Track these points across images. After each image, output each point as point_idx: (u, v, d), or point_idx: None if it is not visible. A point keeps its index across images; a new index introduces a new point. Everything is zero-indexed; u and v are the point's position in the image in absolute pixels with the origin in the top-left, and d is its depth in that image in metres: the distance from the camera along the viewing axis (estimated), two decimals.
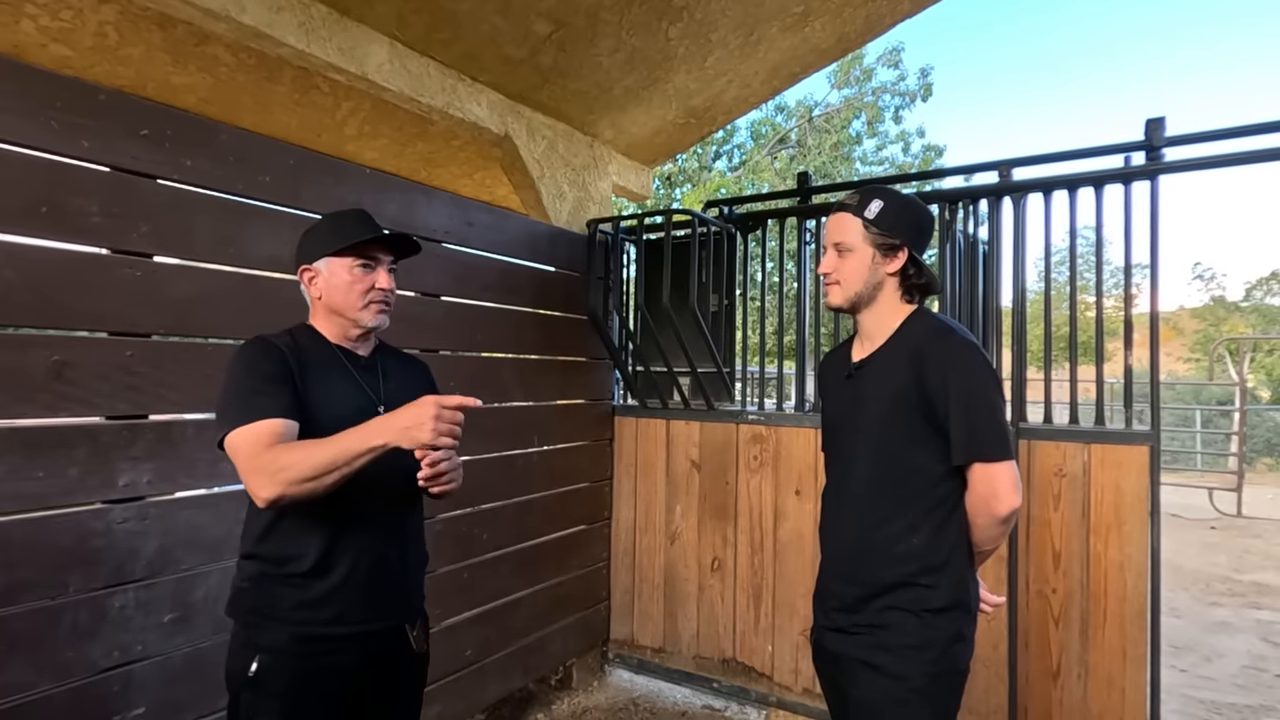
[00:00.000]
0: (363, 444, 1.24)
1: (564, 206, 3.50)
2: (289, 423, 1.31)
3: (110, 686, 1.68)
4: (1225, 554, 6.26)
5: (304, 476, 1.22)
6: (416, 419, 1.23)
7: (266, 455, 1.25)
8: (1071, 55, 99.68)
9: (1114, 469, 2.40)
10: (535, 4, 2.61)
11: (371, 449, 1.24)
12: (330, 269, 1.45)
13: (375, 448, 1.24)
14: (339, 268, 1.44)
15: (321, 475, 1.23)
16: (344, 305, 1.45)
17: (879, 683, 1.40)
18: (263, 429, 1.27)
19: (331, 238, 1.45)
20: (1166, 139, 2.47)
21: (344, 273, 1.44)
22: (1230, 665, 3.82)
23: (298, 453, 1.25)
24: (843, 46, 3.42)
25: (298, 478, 1.22)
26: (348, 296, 1.44)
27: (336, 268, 1.44)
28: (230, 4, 2.12)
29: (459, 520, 2.66)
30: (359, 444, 1.24)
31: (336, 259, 1.44)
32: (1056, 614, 2.48)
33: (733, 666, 3.14)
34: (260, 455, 1.25)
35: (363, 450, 1.24)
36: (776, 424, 3.06)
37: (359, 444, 1.24)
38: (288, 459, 1.24)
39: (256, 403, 1.30)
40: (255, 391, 1.31)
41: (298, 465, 1.23)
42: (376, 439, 1.24)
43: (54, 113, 1.61)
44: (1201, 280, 24.62)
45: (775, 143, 14.37)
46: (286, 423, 1.30)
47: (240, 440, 1.27)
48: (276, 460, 1.24)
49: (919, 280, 1.48)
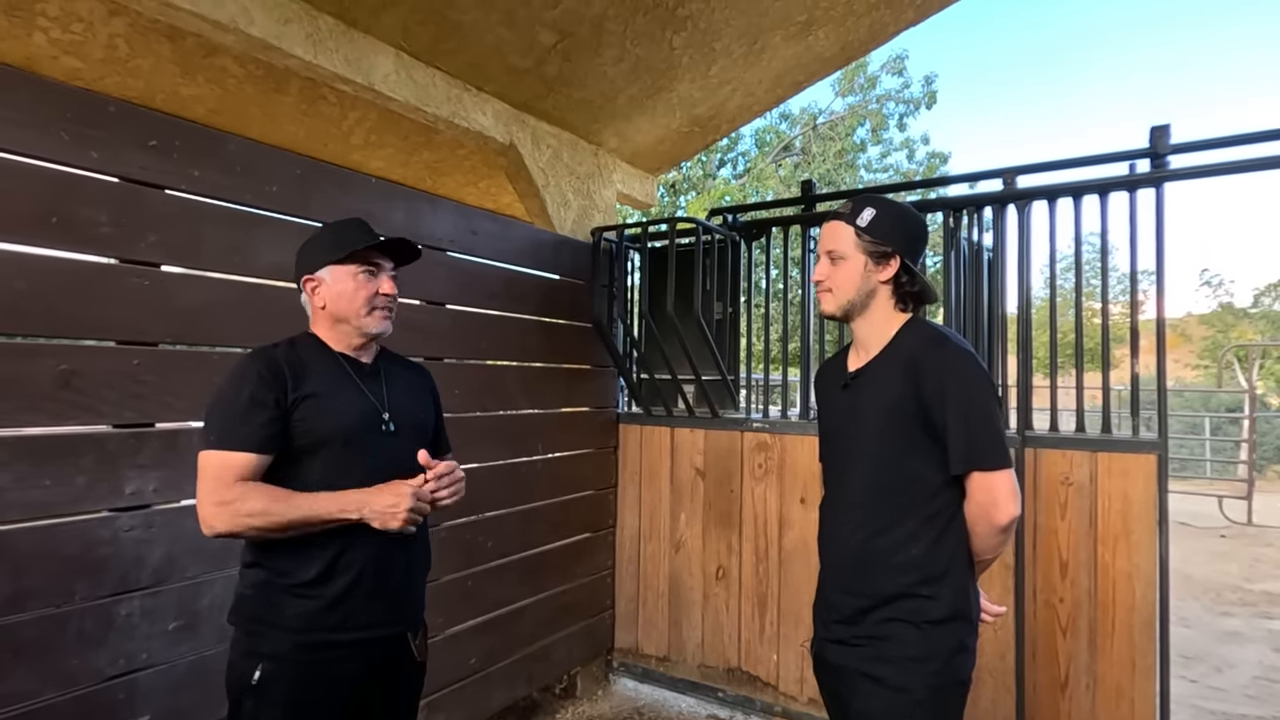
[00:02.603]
0: (335, 513, 1.32)
1: (569, 215, 3.51)
2: (261, 459, 1.34)
3: (115, 694, 1.68)
4: (1236, 562, 6.20)
5: (266, 526, 1.29)
6: (392, 507, 1.33)
7: (234, 490, 1.29)
8: (1072, 47, 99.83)
9: (1121, 477, 2.39)
10: (540, 14, 2.63)
11: (341, 520, 1.33)
12: (334, 277, 1.46)
13: (346, 520, 1.33)
14: (342, 275, 1.46)
15: (284, 530, 1.30)
16: (349, 312, 1.47)
17: (880, 695, 1.38)
18: (232, 462, 1.31)
19: (333, 246, 1.46)
20: (1171, 146, 2.46)
21: (348, 280, 1.46)
22: (1241, 676, 3.77)
23: (267, 502, 1.29)
24: (846, 55, 3.43)
25: (261, 525, 1.29)
26: (352, 303, 1.46)
27: (340, 275, 1.46)
28: (239, 16, 2.15)
29: (463, 528, 2.66)
30: (331, 511, 1.32)
31: (340, 267, 1.46)
32: (1064, 624, 2.46)
33: (738, 676, 3.12)
34: (226, 489, 1.29)
35: (332, 519, 1.32)
36: (781, 432, 3.06)
37: (331, 511, 1.32)
38: (256, 505, 1.29)
39: (237, 431, 1.33)
40: (238, 416, 1.34)
41: (265, 515, 1.28)
42: (351, 512, 1.33)
43: (64, 124, 1.63)
44: (1210, 286, 24.50)
45: (780, 150, 14.40)
46: (259, 459, 1.34)
47: (207, 463, 1.32)
48: (245, 502, 1.28)
49: (912, 288, 1.48)
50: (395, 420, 1.50)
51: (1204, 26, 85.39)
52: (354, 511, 1.32)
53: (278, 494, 1.31)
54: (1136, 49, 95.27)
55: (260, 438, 1.33)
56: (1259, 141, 2.40)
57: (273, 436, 1.35)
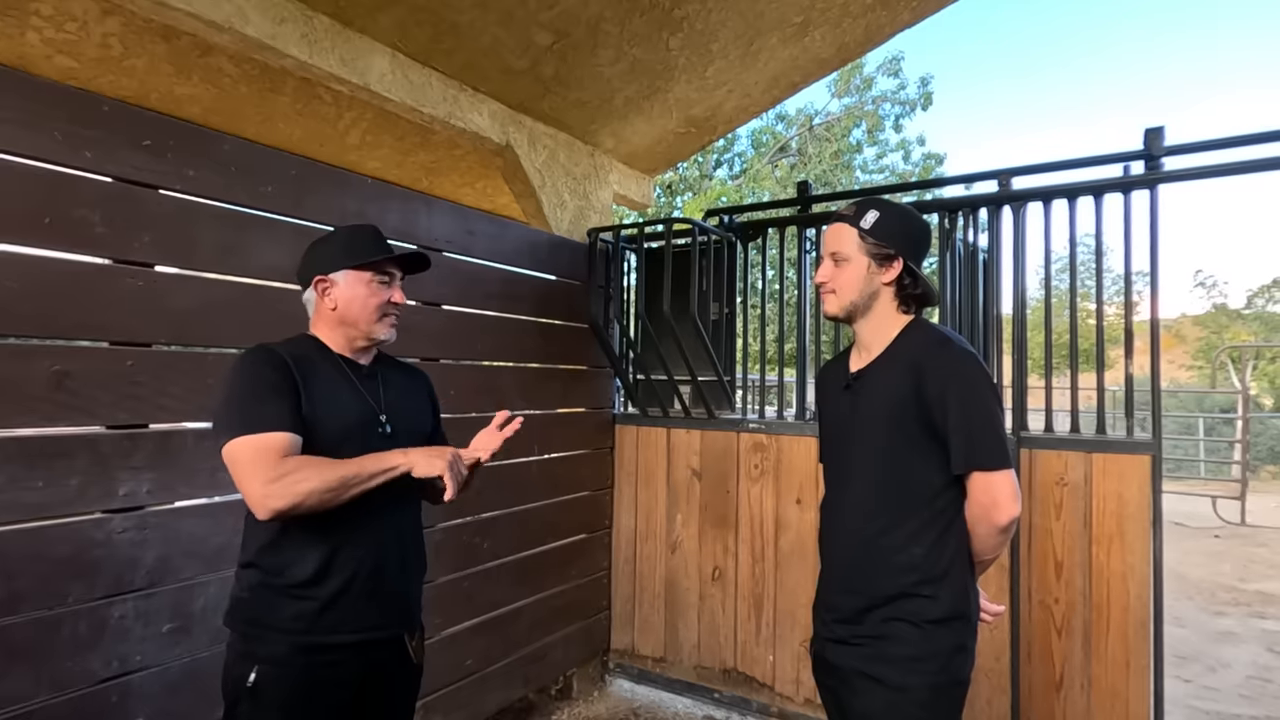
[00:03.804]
0: (380, 465, 1.33)
1: (565, 215, 3.51)
2: (295, 437, 1.32)
3: (109, 697, 1.67)
4: (1230, 563, 6.22)
5: (322, 488, 1.27)
6: (440, 453, 1.36)
7: (281, 466, 1.27)
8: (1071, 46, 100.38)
9: (1116, 478, 2.39)
10: (536, 15, 2.63)
11: (388, 469, 1.33)
12: (348, 281, 1.48)
13: (393, 468, 1.34)
14: (357, 282, 1.48)
15: (338, 490, 1.29)
16: (359, 317, 1.48)
17: (880, 694, 1.39)
18: (271, 441, 1.29)
19: (349, 251, 1.49)
20: (1165, 148, 2.48)
21: (362, 287, 1.48)
22: (1235, 676, 3.79)
23: (314, 467, 1.28)
24: (842, 56, 3.44)
25: (317, 488, 1.27)
26: (364, 309, 1.48)
27: (354, 281, 1.48)
28: (234, 16, 2.14)
29: (459, 529, 2.66)
30: (376, 465, 1.33)
31: (355, 272, 1.48)
32: (1059, 624, 2.47)
33: (734, 677, 3.13)
34: (273, 466, 1.26)
35: (380, 470, 1.33)
36: (777, 433, 3.06)
37: (376, 465, 1.33)
38: (306, 472, 1.27)
39: (263, 413, 1.31)
40: (261, 401, 1.32)
41: (315, 479, 1.27)
42: (397, 460, 1.34)
43: (58, 123, 1.62)
44: (1203, 288, 24.63)
45: (776, 151, 14.42)
46: (293, 437, 1.32)
47: (243, 449, 1.28)
48: (293, 471, 1.26)
49: (915, 290, 1.49)
50: (392, 423, 1.50)
51: (1196, 21, 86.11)
52: (400, 460, 1.34)
53: (321, 459, 1.31)
54: (1132, 44, 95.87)
55: (290, 419, 1.33)
56: (1253, 143, 2.41)
57: (298, 420, 1.34)
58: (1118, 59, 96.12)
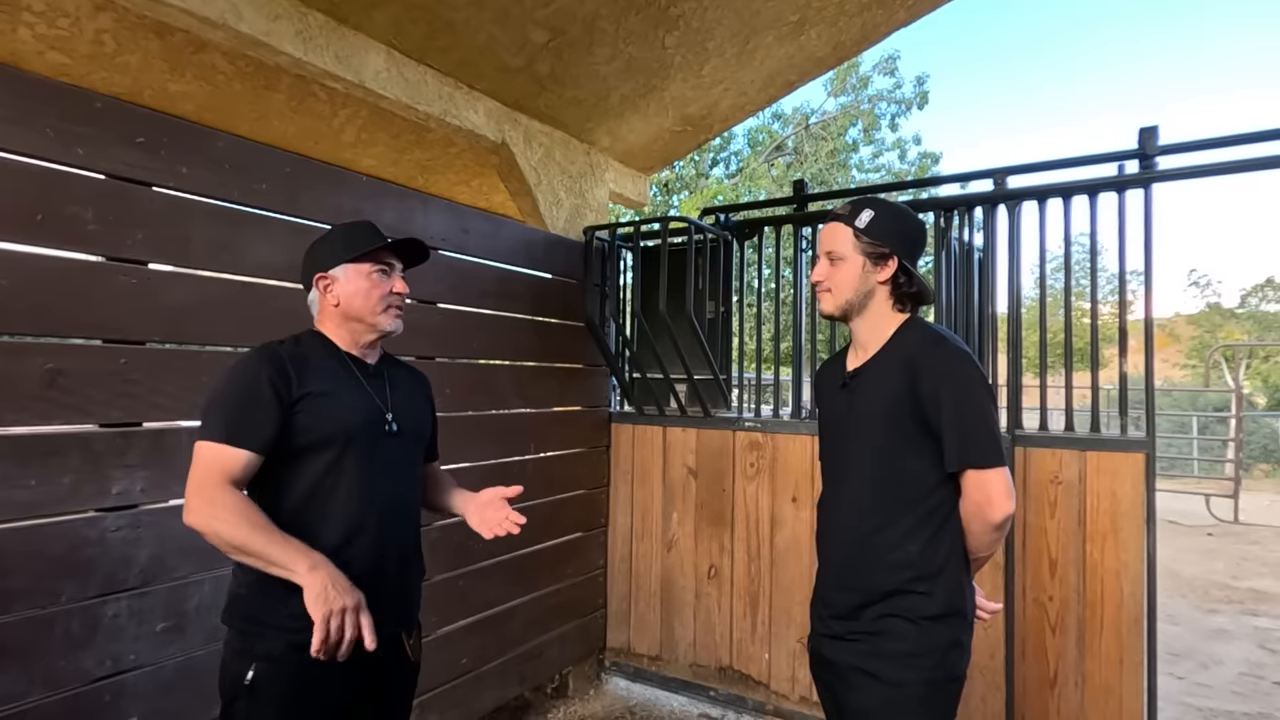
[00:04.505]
0: (284, 561, 1.26)
1: (561, 214, 3.50)
2: (254, 459, 1.33)
3: (102, 696, 1.66)
4: (1223, 560, 6.26)
5: (226, 540, 1.26)
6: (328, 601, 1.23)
7: (219, 494, 1.28)
8: (1069, 45, 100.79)
9: (1110, 476, 2.40)
10: (532, 13, 2.62)
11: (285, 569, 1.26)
12: (348, 275, 1.48)
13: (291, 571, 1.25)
14: (356, 274, 1.48)
15: (239, 550, 1.27)
16: (363, 310, 1.48)
17: (877, 690, 1.40)
18: (227, 458, 1.30)
19: (346, 246, 1.49)
20: (1160, 147, 2.48)
21: (362, 279, 1.48)
22: (1228, 672, 3.81)
23: (238, 516, 1.27)
24: (838, 55, 3.44)
25: (224, 536, 1.26)
26: (367, 301, 1.48)
27: (354, 274, 1.48)
28: (228, 12, 2.13)
29: (454, 528, 2.65)
30: (282, 558, 1.26)
31: (354, 265, 1.48)
32: (1053, 622, 2.48)
33: (729, 675, 3.13)
34: (212, 487, 1.28)
35: (280, 565, 1.26)
36: (773, 431, 3.06)
37: (282, 558, 1.26)
38: (230, 516, 1.26)
39: (236, 427, 1.32)
40: (242, 412, 1.33)
41: (230, 529, 1.25)
42: (300, 567, 1.25)
43: (50, 120, 1.61)
44: (1197, 287, 24.68)
45: (772, 150, 14.43)
46: (251, 459, 1.32)
47: (203, 453, 1.31)
48: (222, 507, 1.27)
49: (910, 289, 1.49)
50: (398, 421, 1.51)
51: (1182, 22, 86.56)
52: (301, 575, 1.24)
53: (248, 513, 1.28)
54: (1118, 45, 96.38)
55: (259, 438, 1.33)
56: (1246, 143, 2.43)
57: (270, 438, 1.35)
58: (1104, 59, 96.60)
